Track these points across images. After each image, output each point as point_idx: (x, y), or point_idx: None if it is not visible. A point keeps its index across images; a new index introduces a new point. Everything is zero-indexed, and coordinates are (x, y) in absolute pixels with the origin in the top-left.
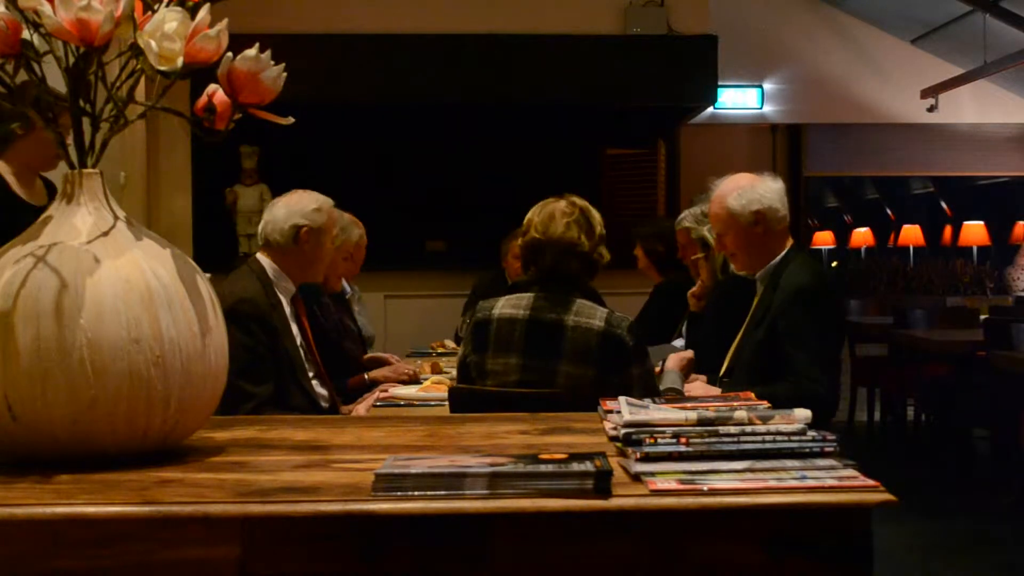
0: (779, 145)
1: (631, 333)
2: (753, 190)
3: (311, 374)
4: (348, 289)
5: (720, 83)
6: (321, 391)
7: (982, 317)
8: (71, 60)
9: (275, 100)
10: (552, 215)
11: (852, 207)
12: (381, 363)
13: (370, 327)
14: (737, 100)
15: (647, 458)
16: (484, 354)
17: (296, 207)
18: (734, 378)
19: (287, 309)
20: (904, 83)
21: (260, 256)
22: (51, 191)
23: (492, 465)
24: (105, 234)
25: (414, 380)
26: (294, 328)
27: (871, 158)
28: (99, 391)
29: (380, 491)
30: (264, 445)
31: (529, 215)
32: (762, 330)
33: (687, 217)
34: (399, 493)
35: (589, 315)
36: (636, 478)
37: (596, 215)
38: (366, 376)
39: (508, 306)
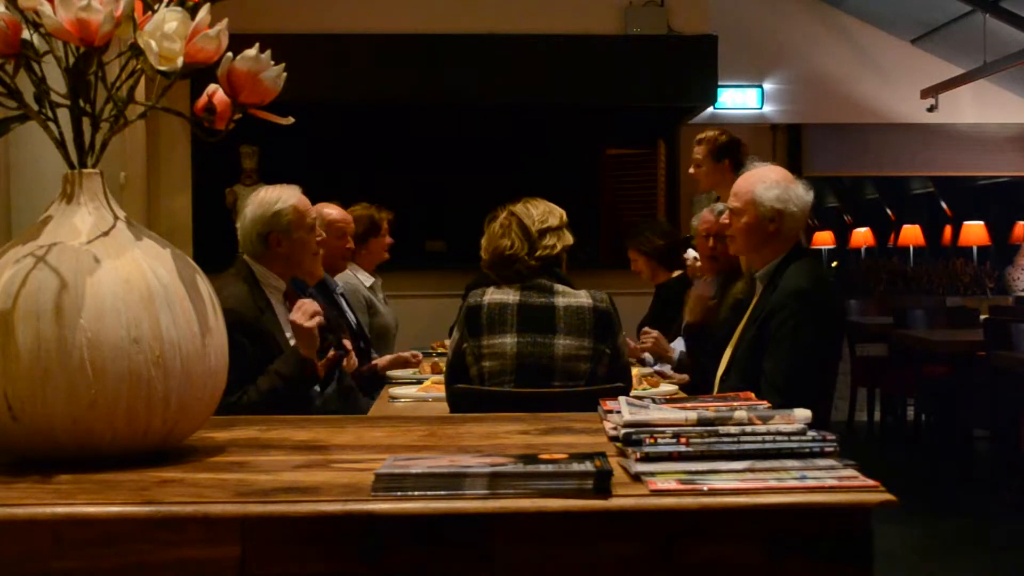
0: (779, 145)
1: (611, 305)
2: (785, 190)
3: None
4: (336, 283)
5: (720, 83)
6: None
7: (982, 317)
8: (71, 60)
9: (275, 100)
10: (493, 233)
11: (852, 207)
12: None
13: (390, 315)
14: (737, 100)
15: (647, 458)
16: (479, 337)
17: (257, 214)
18: (730, 377)
19: (278, 308)
20: (904, 83)
21: (246, 258)
22: None
23: (492, 465)
24: (105, 234)
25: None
26: (288, 329)
27: (871, 158)
28: (99, 391)
29: (380, 491)
30: (264, 445)
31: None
32: (755, 329)
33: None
34: (399, 493)
35: (574, 294)
36: (636, 478)
37: (534, 214)
38: (377, 365)
39: (498, 293)
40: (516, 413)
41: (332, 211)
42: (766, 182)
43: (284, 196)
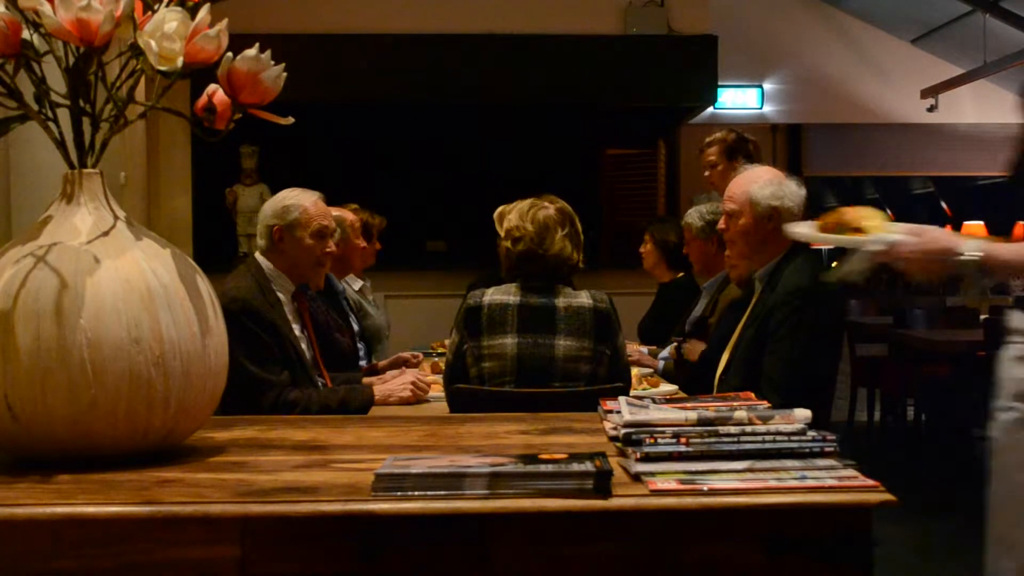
0: (779, 145)
1: (611, 306)
2: (779, 187)
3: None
4: (341, 286)
5: (720, 83)
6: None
7: (982, 317)
8: (71, 60)
9: (275, 100)
10: (547, 227)
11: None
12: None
13: (380, 316)
14: (737, 100)
15: (647, 458)
16: (479, 338)
17: (269, 207)
18: (730, 375)
19: (287, 307)
20: (904, 83)
21: (258, 255)
22: None
23: (492, 465)
24: (105, 234)
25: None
26: (296, 326)
27: (871, 158)
28: (99, 391)
29: (380, 491)
30: (264, 445)
31: (514, 218)
32: (754, 327)
33: (692, 214)
34: (399, 493)
35: (575, 295)
36: (636, 478)
37: (577, 220)
38: (377, 366)
39: (497, 294)
40: (516, 413)
41: (348, 214)
42: (759, 182)
43: (299, 196)
